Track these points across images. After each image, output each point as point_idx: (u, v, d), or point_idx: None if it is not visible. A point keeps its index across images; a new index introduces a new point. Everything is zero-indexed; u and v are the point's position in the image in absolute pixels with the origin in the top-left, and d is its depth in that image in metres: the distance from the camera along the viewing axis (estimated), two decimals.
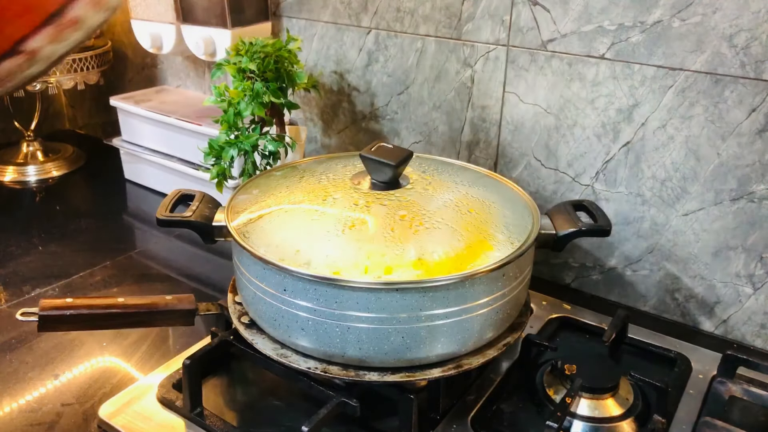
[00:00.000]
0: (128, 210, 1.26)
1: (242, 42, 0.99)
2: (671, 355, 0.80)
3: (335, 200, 0.69)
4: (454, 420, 0.69)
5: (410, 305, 0.61)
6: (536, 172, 0.94)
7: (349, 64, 1.08)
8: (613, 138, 0.86)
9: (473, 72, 0.95)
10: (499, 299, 0.65)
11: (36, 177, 1.35)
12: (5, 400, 0.74)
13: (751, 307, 0.82)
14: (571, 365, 0.72)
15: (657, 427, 0.66)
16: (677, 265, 0.86)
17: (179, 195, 0.77)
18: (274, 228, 0.67)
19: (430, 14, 0.96)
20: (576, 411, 0.68)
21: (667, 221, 0.85)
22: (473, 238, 0.65)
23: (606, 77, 0.84)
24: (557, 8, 0.85)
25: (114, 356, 0.81)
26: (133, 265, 1.02)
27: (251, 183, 0.78)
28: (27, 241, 1.09)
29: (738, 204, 0.79)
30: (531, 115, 0.92)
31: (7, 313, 0.89)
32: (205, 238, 0.73)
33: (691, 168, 0.81)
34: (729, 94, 0.76)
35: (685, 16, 0.76)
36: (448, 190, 0.73)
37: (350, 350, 0.63)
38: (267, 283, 0.64)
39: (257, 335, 0.69)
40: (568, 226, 0.73)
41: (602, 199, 0.89)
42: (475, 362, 0.66)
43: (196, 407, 0.69)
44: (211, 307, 0.75)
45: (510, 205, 0.73)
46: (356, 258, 0.61)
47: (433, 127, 1.02)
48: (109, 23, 1.48)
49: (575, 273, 0.95)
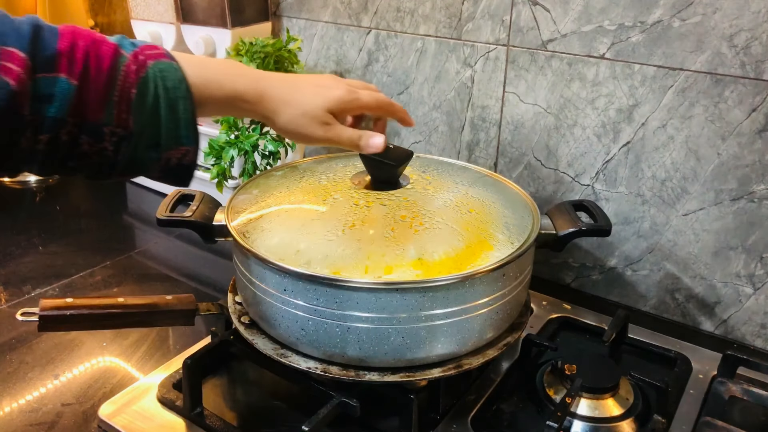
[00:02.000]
0: (128, 210, 1.26)
1: (242, 42, 0.99)
2: (671, 355, 0.80)
3: (335, 200, 0.69)
4: (454, 420, 0.69)
5: (410, 305, 0.61)
6: (536, 172, 0.94)
7: (349, 64, 1.08)
8: (613, 138, 0.86)
9: (473, 72, 0.95)
10: (499, 299, 0.65)
11: (36, 177, 1.35)
12: (5, 400, 0.74)
13: (752, 307, 0.82)
14: (571, 365, 0.72)
15: (657, 427, 0.66)
16: (677, 265, 0.86)
17: (179, 195, 0.76)
18: (275, 228, 0.67)
19: (430, 14, 0.96)
20: (576, 411, 0.68)
21: (667, 221, 0.85)
22: (473, 238, 0.65)
23: (606, 77, 0.84)
24: (557, 8, 0.85)
25: (114, 356, 0.81)
26: (133, 265, 1.02)
27: (251, 183, 0.78)
28: (27, 241, 1.09)
29: (738, 204, 0.79)
30: (531, 115, 0.92)
31: (7, 313, 0.89)
32: (206, 238, 0.73)
33: (691, 168, 0.81)
34: (729, 94, 0.76)
35: (685, 16, 0.76)
36: (449, 190, 0.73)
37: (350, 350, 0.63)
38: (267, 283, 0.64)
39: (257, 335, 0.69)
40: (569, 226, 0.73)
41: (602, 199, 0.89)
42: (475, 362, 0.66)
43: (196, 407, 0.69)
44: (211, 307, 0.75)
45: (510, 205, 0.73)
46: (356, 258, 0.61)
47: (433, 127, 1.02)
48: (110, 23, 1.48)
49: (575, 273, 0.95)
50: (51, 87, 0.48)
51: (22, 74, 0.47)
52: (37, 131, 0.49)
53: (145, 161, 0.55)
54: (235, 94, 0.59)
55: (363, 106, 0.66)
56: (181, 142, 0.55)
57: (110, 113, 0.51)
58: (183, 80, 0.54)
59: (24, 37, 0.48)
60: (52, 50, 0.49)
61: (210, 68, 0.58)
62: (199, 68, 0.57)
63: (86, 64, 0.50)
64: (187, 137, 0.55)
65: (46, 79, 0.48)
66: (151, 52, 0.54)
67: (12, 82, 0.46)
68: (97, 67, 0.50)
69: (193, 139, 0.56)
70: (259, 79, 0.61)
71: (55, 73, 0.49)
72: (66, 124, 0.49)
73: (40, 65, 0.48)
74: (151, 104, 0.53)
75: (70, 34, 0.50)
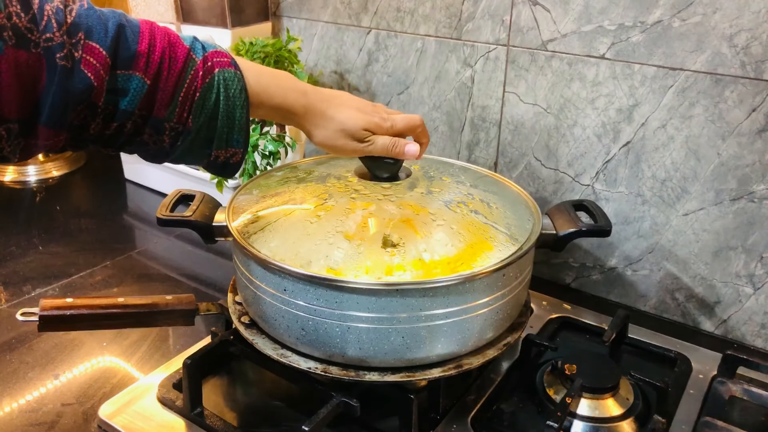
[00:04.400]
0: (128, 210, 1.26)
1: (242, 42, 0.99)
2: (671, 355, 0.80)
3: (335, 200, 0.69)
4: (454, 420, 0.69)
5: (410, 305, 0.61)
6: (536, 172, 0.94)
7: (349, 64, 1.08)
8: (613, 138, 0.86)
9: (473, 72, 0.95)
10: (499, 299, 0.65)
11: (36, 177, 1.35)
12: (5, 400, 0.74)
13: (752, 307, 0.82)
14: (571, 365, 0.72)
15: (657, 427, 0.66)
16: (677, 265, 0.86)
17: (179, 195, 0.76)
18: (275, 228, 0.67)
19: (430, 14, 0.96)
20: (576, 411, 0.68)
21: (667, 221, 0.85)
22: (474, 239, 0.65)
23: (606, 77, 0.84)
24: (557, 8, 0.84)
25: (114, 356, 0.81)
26: (133, 265, 1.02)
27: (252, 183, 0.78)
28: (27, 241, 1.09)
29: (738, 204, 0.79)
30: (531, 115, 0.92)
31: (7, 313, 0.89)
32: (206, 238, 0.73)
33: (691, 168, 0.81)
34: (729, 94, 0.76)
35: (685, 16, 0.76)
36: (449, 190, 0.73)
37: (350, 350, 0.63)
38: (267, 283, 0.64)
39: (257, 335, 0.69)
40: (569, 226, 0.73)
41: (602, 199, 0.89)
42: (476, 362, 0.66)
43: (196, 407, 0.69)
44: (211, 307, 0.75)
45: (510, 205, 0.73)
46: (357, 258, 0.61)
47: (433, 127, 1.02)
48: None
49: (575, 273, 0.95)
50: (127, 83, 0.53)
51: (101, 71, 0.51)
52: (109, 120, 0.54)
53: (196, 155, 0.60)
54: (285, 106, 0.64)
55: (397, 132, 0.69)
56: (233, 144, 0.60)
57: (173, 111, 0.56)
58: (243, 90, 0.59)
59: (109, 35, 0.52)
60: (132, 51, 0.53)
61: (265, 77, 0.63)
62: (257, 76, 0.62)
63: (160, 66, 0.54)
64: (238, 141, 0.60)
65: (124, 75, 0.53)
66: (218, 59, 0.59)
67: (91, 76, 0.51)
68: (169, 69, 0.55)
69: (243, 143, 0.61)
70: (306, 93, 0.66)
71: (132, 71, 0.53)
72: (133, 116, 0.54)
73: (120, 63, 0.53)
74: (212, 107, 0.58)
75: (148, 33, 0.55)
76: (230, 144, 0.60)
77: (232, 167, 0.63)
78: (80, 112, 0.52)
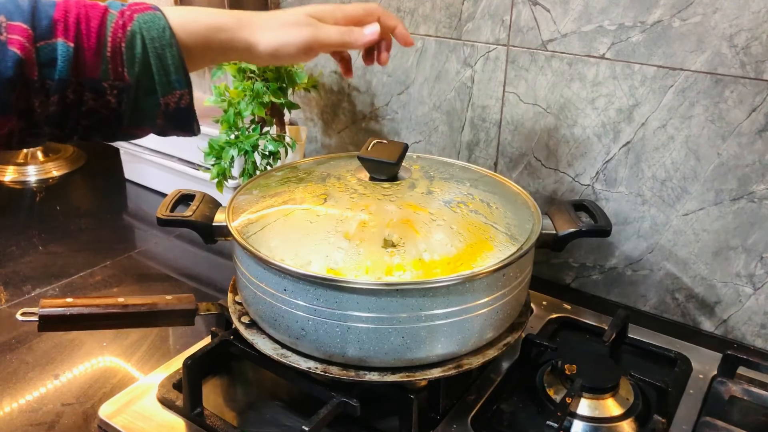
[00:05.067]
0: (128, 210, 1.26)
1: None
2: (671, 355, 0.80)
3: (335, 200, 0.69)
4: (454, 420, 0.69)
5: (410, 305, 0.61)
6: (536, 172, 0.94)
7: None
8: (613, 138, 0.86)
9: (473, 72, 0.95)
10: (499, 299, 0.65)
11: (36, 177, 1.35)
12: (5, 400, 0.74)
13: (752, 307, 0.82)
14: (571, 365, 0.72)
15: (657, 427, 0.66)
16: (677, 265, 0.86)
17: (179, 195, 0.77)
18: (275, 228, 0.67)
19: (430, 14, 0.96)
20: (576, 411, 0.68)
21: (667, 221, 0.85)
22: (474, 239, 0.65)
23: (606, 77, 0.84)
24: (557, 8, 0.84)
25: (114, 356, 0.81)
26: (133, 265, 1.02)
27: (252, 183, 0.78)
28: (27, 241, 1.09)
29: (738, 204, 0.79)
30: (531, 115, 0.92)
31: (7, 313, 0.89)
32: (206, 238, 0.73)
33: (691, 168, 0.81)
34: (729, 94, 0.76)
35: (685, 16, 0.76)
36: (449, 190, 0.73)
37: (350, 350, 0.63)
38: (267, 283, 0.64)
39: (257, 335, 0.69)
40: (569, 226, 0.73)
41: (602, 199, 0.89)
42: (476, 362, 0.66)
43: (196, 407, 0.69)
44: (211, 307, 0.75)
45: (510, 205, 0.73)
46: (357, 258, 0.61)
47: (433, 127, 1.02)
48: None
49: (575, 273, 0.95)
50: (53, 52, 0.54)
51: (26, 43, 0.52)
52: (48, 94, 0.54)
53: (146, 110, 0.59)
54: (213, 24, 0.62)
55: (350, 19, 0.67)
56: (175, 86, 0.59)
57: (106, 69, 0.56)
58: (166, 28, 0.58)
59: (25, 11, 0.53)
60: (49, 19, 0.54)
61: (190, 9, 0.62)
62: (181, 12, 0.61)
63: (78, 26, 0.55)
64: (178, 81, 0.59)
65: (48, 45, 0.53)
66: (137, 7, 0.58)
67: (18, 51, 0.52)
68: (87, 28, 0.55)
69: (184, 83, 0.59)
70: (237, 12, 0.64)
71: (53, 39, 0.54)
72: (70, 84, 0.54)
73: (41, 34, 0.53)
74: (141, 54, 0.57)
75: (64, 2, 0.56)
76: (173, 86, 0.58)
77: (185, 112, 0.60)
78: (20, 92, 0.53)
